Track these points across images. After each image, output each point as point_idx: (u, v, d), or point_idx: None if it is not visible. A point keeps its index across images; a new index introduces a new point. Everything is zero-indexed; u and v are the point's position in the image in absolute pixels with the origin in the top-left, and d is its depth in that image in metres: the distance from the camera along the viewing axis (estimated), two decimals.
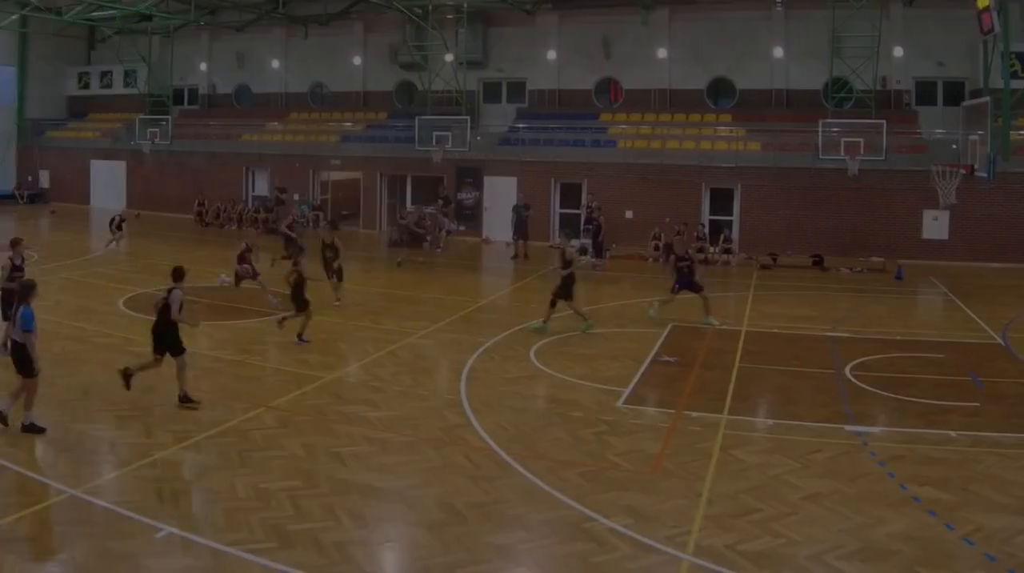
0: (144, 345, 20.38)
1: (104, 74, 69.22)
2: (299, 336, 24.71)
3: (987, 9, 33.21)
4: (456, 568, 12.04)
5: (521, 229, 45.57)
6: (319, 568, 11.90)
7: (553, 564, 12.44)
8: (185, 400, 18.57)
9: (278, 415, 18.28)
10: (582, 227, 45.89)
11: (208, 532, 12.85)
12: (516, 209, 46.47)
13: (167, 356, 18.84)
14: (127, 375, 18.82)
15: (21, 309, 16.76)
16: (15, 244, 23.41)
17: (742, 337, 26.67)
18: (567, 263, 27.08)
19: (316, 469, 15.42)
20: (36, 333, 16.74)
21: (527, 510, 13.96)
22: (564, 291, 26.87)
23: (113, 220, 43.36)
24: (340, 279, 30.65)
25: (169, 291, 18.90)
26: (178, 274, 19.43)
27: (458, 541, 12.81)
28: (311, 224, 54.07)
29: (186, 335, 19.41)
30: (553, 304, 26.90)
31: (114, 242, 42.98)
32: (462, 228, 50.79)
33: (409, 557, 12.72)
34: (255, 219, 54.30)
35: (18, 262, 23.02)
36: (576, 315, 27.13)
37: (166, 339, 18.86)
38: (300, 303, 24.76)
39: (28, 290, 17.20)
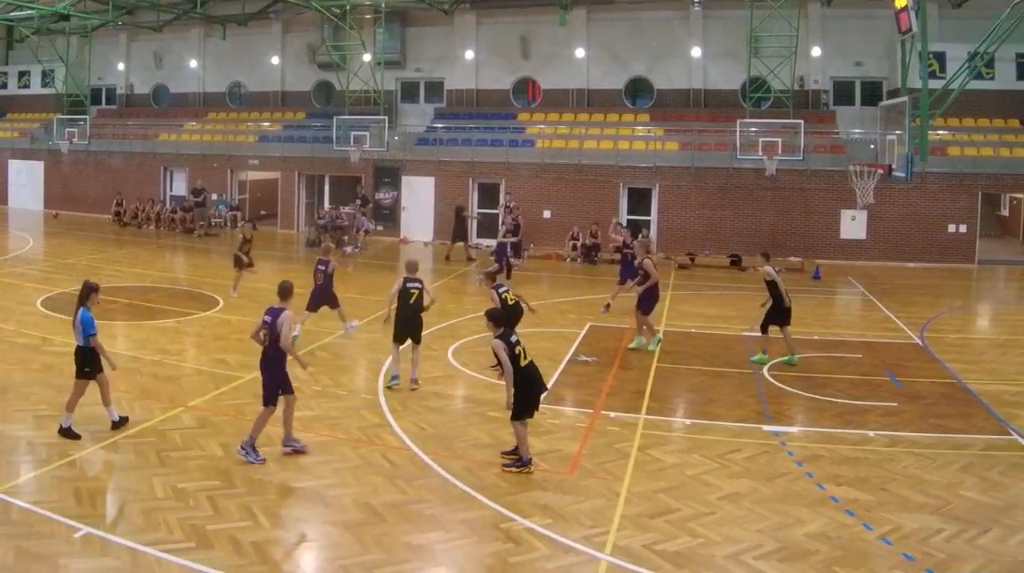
0: (62, 344, 20.81)
1: (22, 74, 66.61)
2: None
3: (905, 9, 32.34)
4: (374, 568, 11.74)
5: (460, 231, 43.95)
6: (237, 568, 11.57)
7: (471, 564, 12.15)
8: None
9: (197, 415, 17.78)
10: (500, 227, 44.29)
11: (126, 532, 12.43)
12: (456, 211, 44.90)
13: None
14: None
15: (80, 312, 16.30)
16: None
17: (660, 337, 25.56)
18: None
19: (234, 469, 14.94)
20: (97, 335, 16.35)
21: (445, 510, 13.67)
22: (781, 316, 23.79)
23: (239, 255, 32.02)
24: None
25: (276, 313, 15.93)
26: (285, 292, 16.58)
27: (376, 541, 12.49)
28: (228, 224, 52.82)
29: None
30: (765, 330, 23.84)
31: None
32: (380, 228, 49.03)
33: (327, 557, 12.27)
34: (172, 219, 52.14)
35: None
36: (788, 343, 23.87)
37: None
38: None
39: (89, 292, 16.61)
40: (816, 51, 47.31)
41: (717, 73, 49.45)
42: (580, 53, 51.48)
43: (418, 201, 49.05)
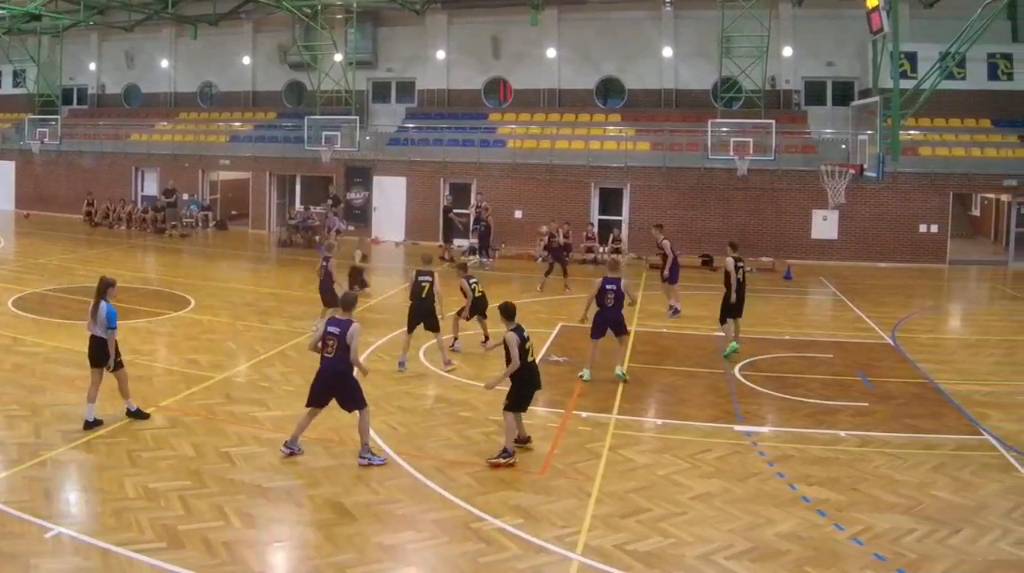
0: (34, 344, 21.99)
1: None
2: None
3: (876, 9, 31.88)
4: (346, 568, 11.64)
5: (447, 231, 43.73)
6: (209, 568, 11.46)
7: (442, 564, 12.02)
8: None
9: (168, 415, 17.56)
10: (471, 227, 43.90)
11: (97, 532, 12.28)
12: (445, 211, 44.67)
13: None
14: None
15: (104, 305, 16.59)
16: None
17: (631, 337, 24.80)
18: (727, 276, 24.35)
19: (206, 469, 14.79)
20: (116, 331, 16.77)
21: (416, 510, 13.53)
22: (730, 308, 24.43)
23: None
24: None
25: (343, 325, 15.26)
26: (348, 303, 15.80)
27: (348, 541, 12.37)
28: (199, 224, 52.29)
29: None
30: (723, 321, 24.58)
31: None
32: (351, 228, 47.99)
33: (299, 557, 12.19)
34: (143, 219, 51.41)
35: None
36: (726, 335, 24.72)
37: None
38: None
39: (107, 287, 16.88)
40: (787, 51, 46.90)
41: (688, 73, 48.91)
42: (551, 53, 50.95)
43: (389, 201, 48.44)
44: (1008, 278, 39.91)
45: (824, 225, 42.11)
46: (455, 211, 44.91)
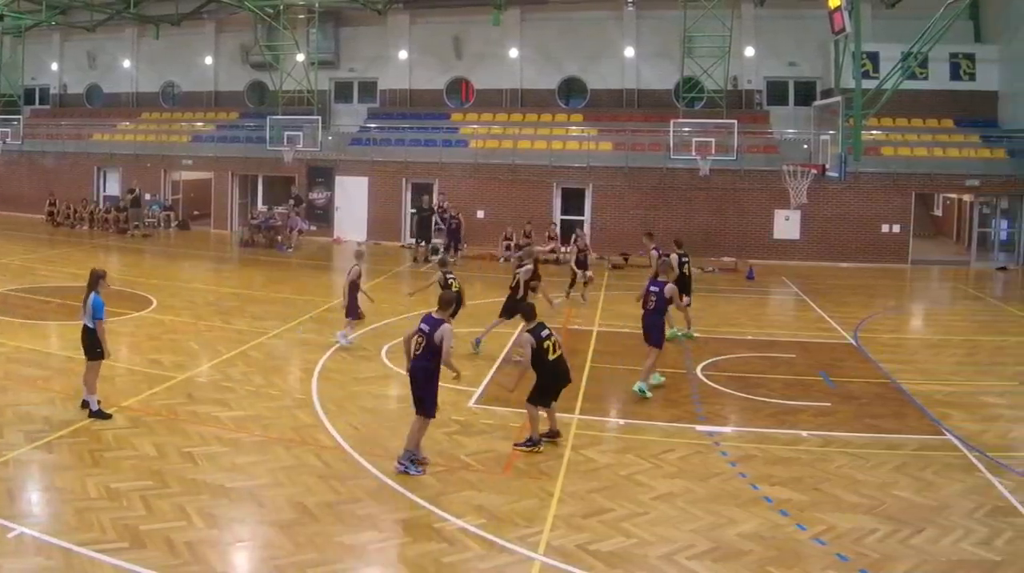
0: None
1: None
2: None
3: (838, 9, 31.62)
4: (307, 568, 11.55)
5: (424, 231, 42.97)
6: (171, 568, 11.36)
7: (405, 564, 11.89)
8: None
9: (130, 415, 17.32)
10: (434, 227, 43.31)
11: (60, 532, 12.15)
12: (420, 211, 43.81)
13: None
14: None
15: (92, 297, 16.84)
16: None
17: (593, 337, 25.67)
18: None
19: (168, 469, 14.63)
20: (104, 321, 16.99)
21: (379, 510, 13.45)
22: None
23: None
24: None
25: (434, 323, 15.02)
26: (445, 303, 15.55)
27: (310, 541, 12.28)
28: (161, 224, 51.40)
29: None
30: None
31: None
32: (313, 228, 47.68)
33: (261, 557, 12.03)
34: (105, 219, 50.58)
35: None
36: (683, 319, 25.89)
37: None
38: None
39: (98, 279, 17.14)
40: (749, 51, 46.46)
41: (651, 73, 48.38)
42: (514, 53, 50.28)
43: (351, 201, 47.75)
44: (970, 278, 39.65)
45: (786, 225, 41.77)
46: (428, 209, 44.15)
